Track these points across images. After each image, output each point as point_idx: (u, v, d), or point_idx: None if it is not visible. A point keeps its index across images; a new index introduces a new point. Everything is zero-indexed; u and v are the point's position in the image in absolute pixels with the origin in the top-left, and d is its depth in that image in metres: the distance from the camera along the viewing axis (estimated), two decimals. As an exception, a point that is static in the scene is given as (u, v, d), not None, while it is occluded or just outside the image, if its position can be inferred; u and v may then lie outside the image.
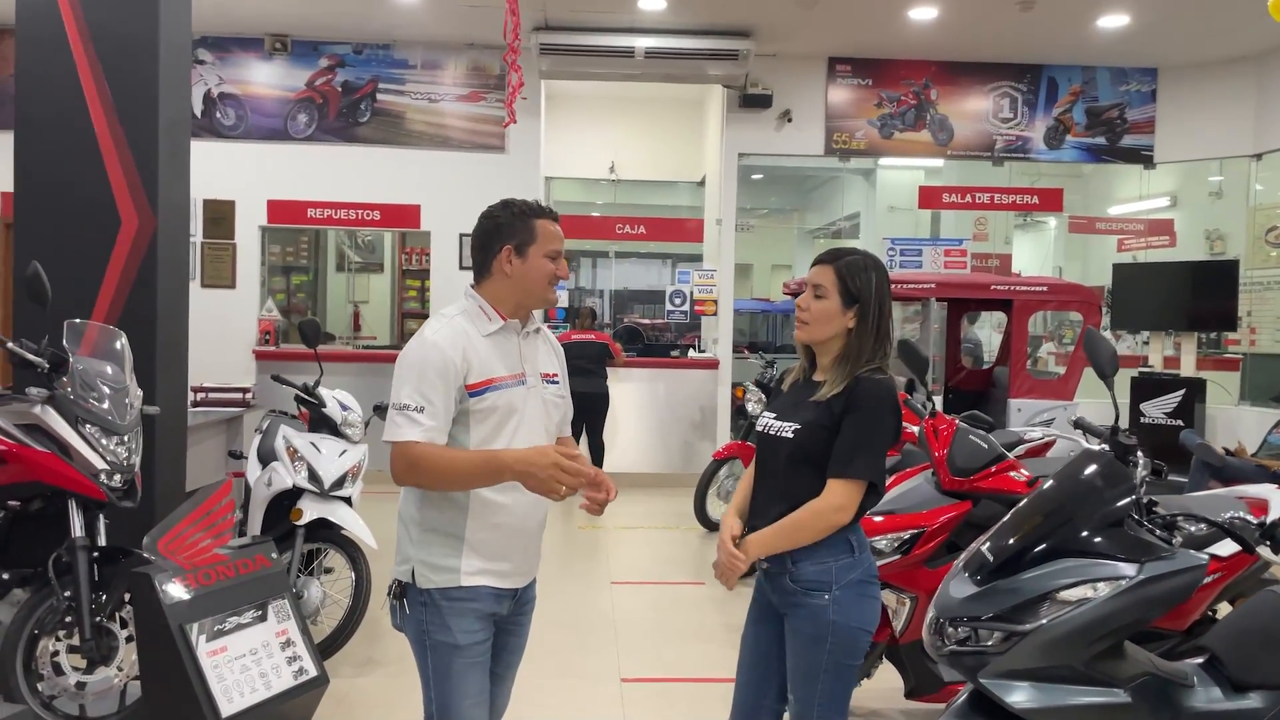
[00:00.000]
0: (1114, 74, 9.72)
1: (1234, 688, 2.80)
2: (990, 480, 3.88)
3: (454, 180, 9.30)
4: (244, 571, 3.71)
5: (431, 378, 2.37)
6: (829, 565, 2.49)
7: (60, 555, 3.66)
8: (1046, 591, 2.70)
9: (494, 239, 2.53)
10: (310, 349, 5.21)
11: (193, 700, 3.30)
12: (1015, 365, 7.25)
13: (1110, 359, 3.11)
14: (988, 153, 9.75)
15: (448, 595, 2.42)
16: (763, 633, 2.67)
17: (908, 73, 9.57)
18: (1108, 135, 9.78)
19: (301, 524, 4.61)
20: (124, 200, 5.24)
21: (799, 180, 15.37)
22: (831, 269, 2.60)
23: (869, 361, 2.53)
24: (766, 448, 2.60)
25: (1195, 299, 9.47)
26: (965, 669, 2.76)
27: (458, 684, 2.43)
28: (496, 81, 9.35)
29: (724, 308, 9.54)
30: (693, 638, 5.20)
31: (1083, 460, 2.96)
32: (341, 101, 9.27)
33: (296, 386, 5.07)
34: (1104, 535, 2.74)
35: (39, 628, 3.61)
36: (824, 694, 2.51)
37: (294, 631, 3.77)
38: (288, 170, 9.22)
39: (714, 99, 10.37)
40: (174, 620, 3.36)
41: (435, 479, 2.40)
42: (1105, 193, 11.50)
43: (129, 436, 3.87)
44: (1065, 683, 2.67)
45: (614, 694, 4.38)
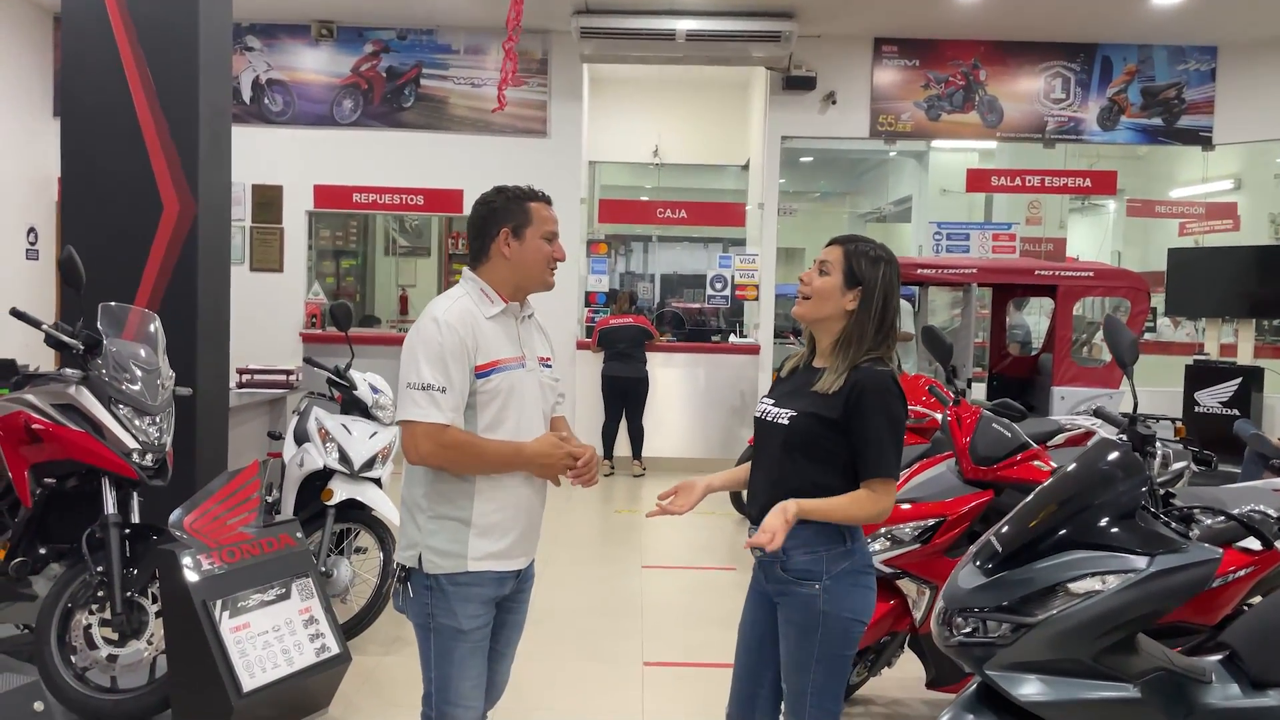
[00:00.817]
0: (1171, 52, 9.42)
1: (1253, 685, 2.73)
2: (1014, 470, 3.81)
3: (497, 165, 9.33)
4: (268, 550, 3.79)
5: (449, 358, 2.42)
6: (820, 555, 2.47)
7: (93, 532, 3.77)
8: (1055, 583, 2.65)
9: (491, 223, 2.56)
10: (341, 332, 5.28)
11: (214, 674, 3.38)
12: (1060, 352, 7.10)
13: (1130, 347, 3.05)
14: (1038, 134, 9.52)
15: (454, 580, 2.46)
16: (758, 620, 2.67)
17: (955, 53, 9.38)
18: (1164, 116, 9.49)
19: (332, 504, 4.69)
20: (165, 186, 5.37)
21: (850, 164, 15.19)
22: (840, 249, 2.60)
23: (869, 351, 2.50)
24: (763, 433, 2.58)
25: (1259, 284, 9.17)
26: (972, 660, 2.73)
27: (459, 667, 2.48)
28: (539, 66, 9.36)
29: (765, 292, 9.47)
30: (718, 623, 5.18)
31: (1096, 450, 2.89)
32: (386, 87, 9.36)
33: (328, 369, 5.15)
34: (1116, 527, 2.68)
35: (72, 601, 3.73)
36: (816, 683, 2.50)
37: (317, 609, 3.85)
38: (333, 156, 9.34)
39: (758, 81, 10.27)
40: (198, 596, 3.45)
41: (462, 465, 2.48)
42: (1166, 175, 11.18)
43: (160, 417, 3.97)
44: (1074, 676, 2.62)
45: (635, 677, 4.40)
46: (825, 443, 2.46)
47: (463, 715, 2.51)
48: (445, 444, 2.42)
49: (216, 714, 3.39)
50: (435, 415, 2.41)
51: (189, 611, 3.43)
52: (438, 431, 2.41)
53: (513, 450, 2.49)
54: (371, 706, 4.04)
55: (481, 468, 2.48)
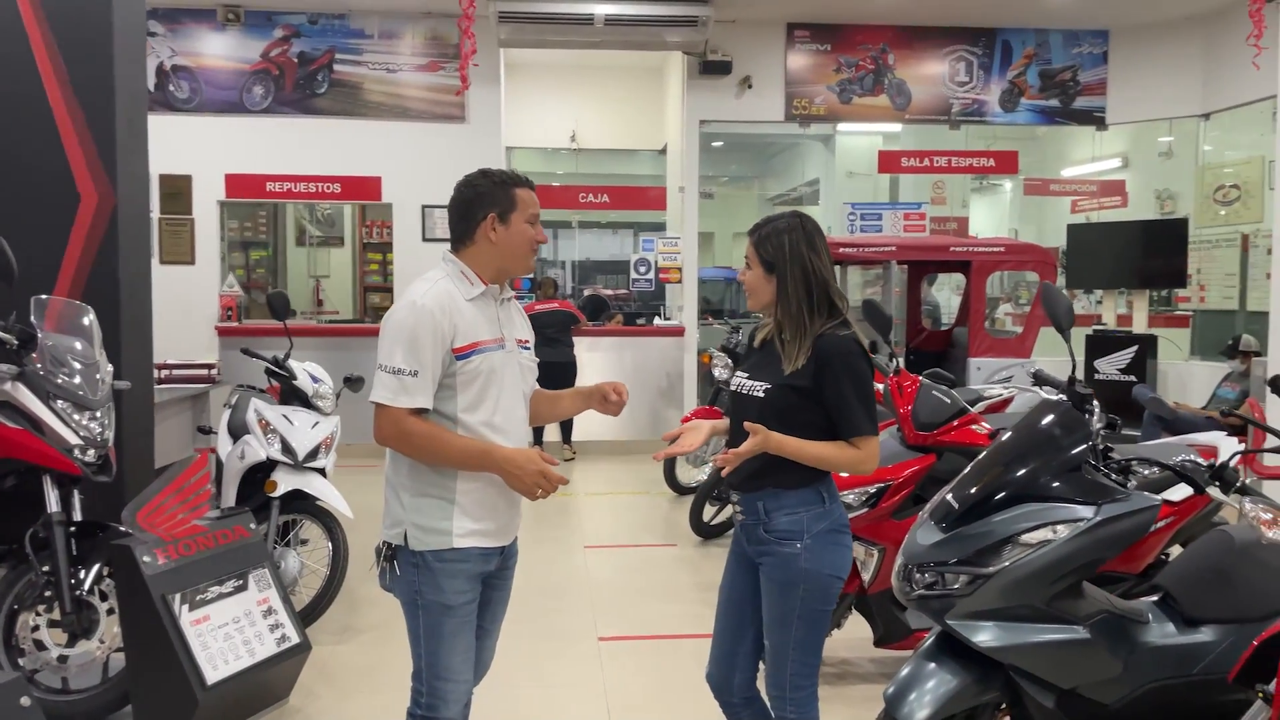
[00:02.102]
0: (1066, 36, 9.85)
1: (1186, 623, 2.95)
2: (953, 434, 4.01)
3: (415, 151, 9.25)
4: (223, 542, 3.74)
5: (424, 341, 2.43)
6: (800, 515, 2.58)
7: (36, 531, 3.66)
8: (1009, 535, 2.82)
9: (476, 207, 2.58)
10: (280, 322, 5.20)
11: (177, 669, 3.34)
12: (974, 325, 7.40)
13: (1066, 313, 3.24)
14: (944, 116, 9.86)
15: (440, 557, 2.48)
16: (738, 582, 2.76)
17: (865, 38, 9.63)
18: (1061, 97, 9.93)
19: (276, 495, 4.64)
20: (83, 177, 5.20)
21: (759, 147, 15.44)
22: (749, 241, 2.73)
23: (827, 318, 2.60)
24: (739, 405, 2.68)
25: (1147, 257, 9.69)
26: (933, 612, 2.88)
27: (449, 642, 2.51)
28: (455, 51, 9.27)
29: (689, 275, 9.60)
30: (666, 597, 5.30)
31: (1041, 410, 3.08)
32: (298, 73, 9.16)
33: (266, 359, 5.07)
34: (1062, 480, 2.86)
35: (18, 603, 3.62)
36: (798, 639, 2.61)
37: (275, 600, 3.82)
38: (245, 143, 9.11)
39: (674, 67, 10.37)
40: (156, 591, 3.40)
41: (424, 454, 2.47)
42: (1059, 154, 11.68)
43: (101, 412, 3.86)
44: (1028, 621, 2.80)
45: (592, 652, 4.48)
46: (802, 411, 2.56)
47: (453, 690, 2.54)
48: (408, 431, 2.43)
49: (181, 708, 3.35)
50: (403, 400, 2.43)
51: (148, 606, 3.37)
52: (402, 417, 2.43)
53: (479, 450, 2.47)
54: (330, 694, 4.03)
55: (443, 460, 2.48)
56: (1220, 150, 10.03)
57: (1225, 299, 10.07)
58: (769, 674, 2.69)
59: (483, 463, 2.48)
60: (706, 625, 4.73)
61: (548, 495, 2.49)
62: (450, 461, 2.48)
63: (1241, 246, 9.84)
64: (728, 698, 2.86)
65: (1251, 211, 9.66)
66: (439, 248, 9.82)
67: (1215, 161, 10.01)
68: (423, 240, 9.37)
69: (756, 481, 2.61)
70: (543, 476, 2.45)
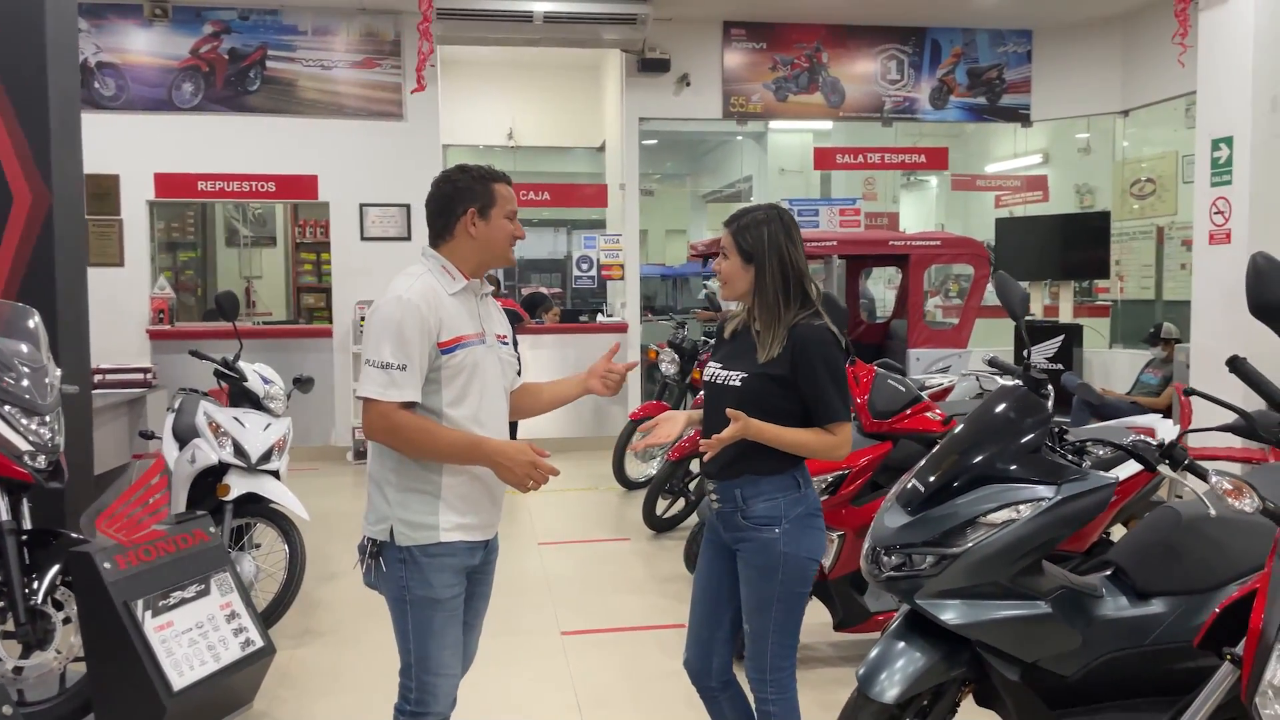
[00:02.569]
0: (992, 36, 10.14)
1: (1138, 596, 3.09)
2: (908, 421, 4.12)
3: (352, 149, 9.13)
4: (183, 546, 3.68)
5: (410, 335, 2.42)
6: (778, 501, 2.65)
7: (-15, 540, 3.56)
8: (973, 516, 2.92)
9: (456, 202, 2.59)
10: (229, 323, 5.11)
11: (143, 676, 3.28)
12: (913, 317, 7.58)
13: (1021, 301, 3.36)
14: (877, 114, 10.06)
15: (427, 552, 2.48)
16: (714, 569, 2.82)
17: (800, 36, 9.79)
18: (988, 95, 10.22)
19: (229, 499, 4.56)
20: (15, 176, 5.07)
21: (692, 145, 15.55)
22: (727, 231, 2.78)
23: (800, 308, 2.67)
24: (715, 395, 2.72)
25: (1071, 250, 10.04)
26: (901, 592, 2.98)
27: (438, 636, 2.51)
28: (391, 47, 9.18)
29: (630, 272, 9.65)
30: (624, 590, 5.35)
31: (1000, 394, 3.19)
32: (229, 69, 8.96)
33: (216, 361, 4.98)
34: (1023, 462, 2.98)
35: (-32, 615, 3.51)
36: (777, 622, 2.68)
37: (238, 604, 3.77)
38: (175, 142, 8.88)
39: (611, 64, 10.41)
40: (118, 597, 3.33)
41: (414, 448, 2.47)
42: (983, 151, 12.02)
43: (50, 417, 3.76)
44: (993, 599, 2.90)
45: (556, 647, 4.50)
46: (778, 399, 2.62)
47: (443, 684, 2.55)
48: (398, 424, 2.43)
49: (148, 716, 3.28)
50: (393, 394, 2.43)
51: (110, 613, 3.30)
52: (392, 411, 2.43)
53: (468, 442, 2.48)
54: (295, 698, 3.98)
55: (434, 455, 2.48)
56: (1137, 146, 10.43)
57: (1143, 289, 10.48)
58: (749, 657, 2.75)
59: (473, 455, 2.48)
60: (668, 616, 4.83)
61: (539, 486, 2.50)
62: (441, 455, 2.48)
63: (1157, 239, 10.25)
64: (706, 683, 2.91)
65: (1166, 205, 10.07)
66: (377, 247, 9.72)
67: (1133, 157, 10.41)
68: (360, 239, 9.25)
69: (733, 469, 2.66)
70: (534, 467, 2.46)
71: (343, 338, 9.21)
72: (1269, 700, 1.82)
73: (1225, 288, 6.73)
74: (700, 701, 3.12)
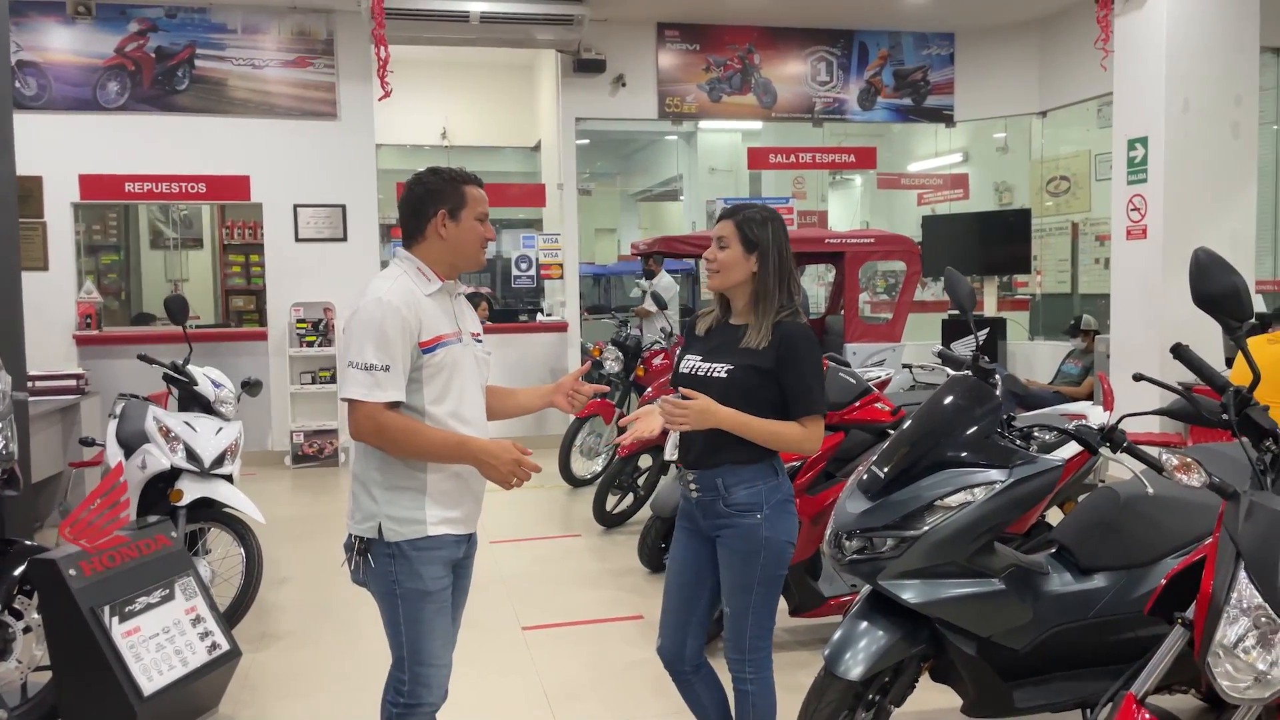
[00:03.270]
0: (917, 39, 10.45)
1: (1081, 572, 3.29)
2: (858, 412, 4.28)
3: (285, 149, 9.01)
4: (146, 552, 3.65)
5: (392, 336, 2.47)
6: (759, 488, 2.77)
7: (-61, 551, 3.49)
8: (931, 500, 3.08)
9: (427, 204, 2.64)
10: (178, 326, 5.05)
11: (113, 682, 3.25)
12: (849, 312, 7.80)
13: (968, 295, 3.54)
14: (808, 114, 10.29)
15: (415, 546, 2.53)
16: (690, 556, 2.93)
17: (732, 38, 9.96)
18: (913, 96, 10.53)
19: (183, 505, 4.51)
20: (-55, 178, 4.92)
21: (621, 144, 15.63)
22: (731, 222, 2.87)
23: (783, 305, 2.80)
24: (697, 388, 2.80)
25: (993, 246, 10.40)
26: (864, 574, 3.13)
27: (428, 627, 2.57)
28: (324, 46, 9.09)
29: (570, 271, 9.71)
30: (580, 585, 5.42)
31: (952, 385, 3.36)
32: (156, 68, 8.77)
33: (165, 365, 4.92)
34: (976, 448, 3.15)
35: (-77, 628, 3.44)
36: (757, 603, 2.80)
37: (202, 608, 3.76)
38: (100, 142, 8.66)
39: (544, 64, 10.45)
40: (84, 603, 3.30)
41: (400, 448, 2.51)
42: (906, 150, 12.37)
43: (3, 424, 3.70)
44: (950, 578, 3.07)
45: (518, 641, 4.56)
46: (761, 391, 2.74)
47: (436, 675, 2.60)
48: (384, 425, 2.47)
49: (118, 723, 3.26)
50: (378, 394, 2.47)
51: (77, 620, 3.27)
52: (378, 412, 2.48)
53: (455, 442, 2.53)
54: (258, 701, 3.97)
55: (421, 454, 2.53)
56: (1053, 145, 10.85)
57: (1059, 283, 10.92)
58: (728, 639, 2.86)
59: (459, 454, 2.53)
60: (625, 609, 4.93)
61: (522, 484, 2.56)
62: (426, 454, 2.53)
63: (1072, 234, 10.69)
64: (680, 667, 3.01)
65: (1080, 202, 10.51)
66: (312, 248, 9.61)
67: (1049, 156, 10.83)
68: (295, 240, 9.14)
69: (713, 459, 2.77)
70: (518, 465, 2.52)
71: (278, 341, 9.09)
72: (1220, 659, 1.99)
73: (1142, 281, 7.08)
74: (666, 688, 3.23)
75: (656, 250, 7.61)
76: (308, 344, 9.02)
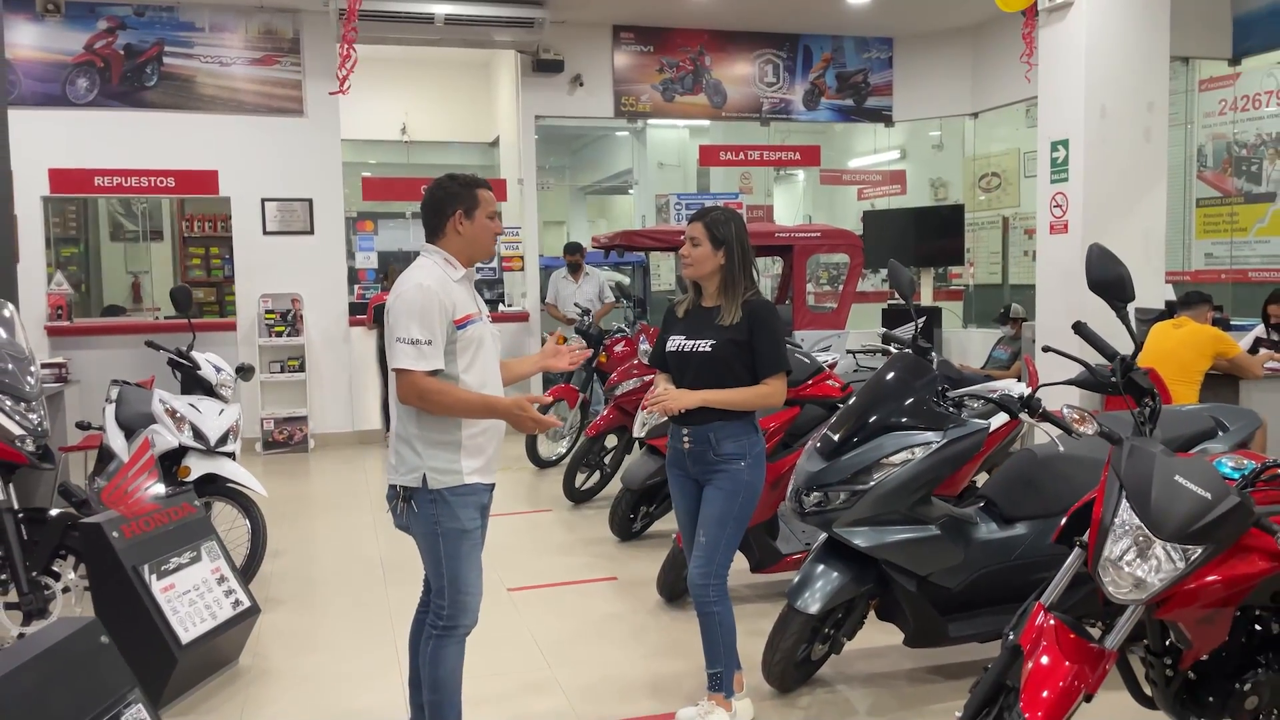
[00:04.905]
0: (858, 43, 11.03)
1: (1005, 521, 3.84)
2: (812, 388, 4.79)
3: (253, 145, 9.27)
4: (175, 518, 4.02)
5: (433, 315, 2.92)
6: (743, 441, 3.35)
7: (-18, 520, 3.82)
8: (877, 459, 3.60)
9: (446, 205, 3.09)
10: (183, 315, 5.37)
11: (155, 631, 3.63)
12: (798, 301, 8.33)
13: (908, 284, 4.07)
14: (756, 114, 10.82)
15: (455, 492, 2.99)
16: (688, 499, 3.52)
17: (684, 40, 10.43)
18: (855, 97, 11.11)
19: (190, 480, 4.86)
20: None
21: (571, 139, 15.98)
22: (701, 224, 3.46)
23: (747, 287, 3.37)
24: (683, 362, 3.36)
25: (928, 239, 11.04)
26: (820, 524, 3.64)
27: (466, 561, 3.05)
28: (291, 45, 9.36)
29: (530, 263, 10.12)
30: (555, 553, 5.87)
31: (895, 361, 3.89)
32: (125, 65, 8.97)
33: (170, 351, 5.25)
34: (915, 414, 3.68)
35: (-30, 589, 3.77)
36: (729, 536, 3.39)
37: (225, 568, 4.14)
38: (69, 137, 8.84)
39: (501, 62, 10.82)
40: (127, 562, 3.67)
41: (441, 408, 2.96)
42: (846, 147, 12.97)
43: (37, 403, 4.03)
44: (894, 525, 3.59)
45: (505, 601, 4.99)
46: (740, 359, 3.31)
47: (471, 600, 3.09)
48: (427, 389, 2.93)
49: (159, 669, 3.63)
50: (423, 364, 2.92)
51: (121, 577, 3.64)
52: (422, 379, 2.93)
53: (485, 402, 3.02)
54: (275, 655, 4.35)
55: (457, 412, 2.98)
56: (985, 144, 11.51)
57: (990, 274, 11.59)
58: (699, 566, 3.40)
59: (489, 411, 3.03)
60: (601, 572, 5.39)
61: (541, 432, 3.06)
62: (463, 412, 2.99)
63: (1003, 228, 11.37)
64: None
65: (1010, 197, 11.19)
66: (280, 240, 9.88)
67: (982, 154, 11.49)
68: (263, 234, 9.41)
69: (705, 418, 3.34)
70: (533, 420, 3.01)
71: (247, 331, 9.36)
72: (1107, 570, 2.50)
73: (1064, 271, 7.70)
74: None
75: (618, 244, 8.05)
76: (276, 334, 9.31)
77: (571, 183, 17.56)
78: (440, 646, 3.09)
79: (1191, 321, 6.13)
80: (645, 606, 4.88)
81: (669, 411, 3.32)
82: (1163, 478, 2.46)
